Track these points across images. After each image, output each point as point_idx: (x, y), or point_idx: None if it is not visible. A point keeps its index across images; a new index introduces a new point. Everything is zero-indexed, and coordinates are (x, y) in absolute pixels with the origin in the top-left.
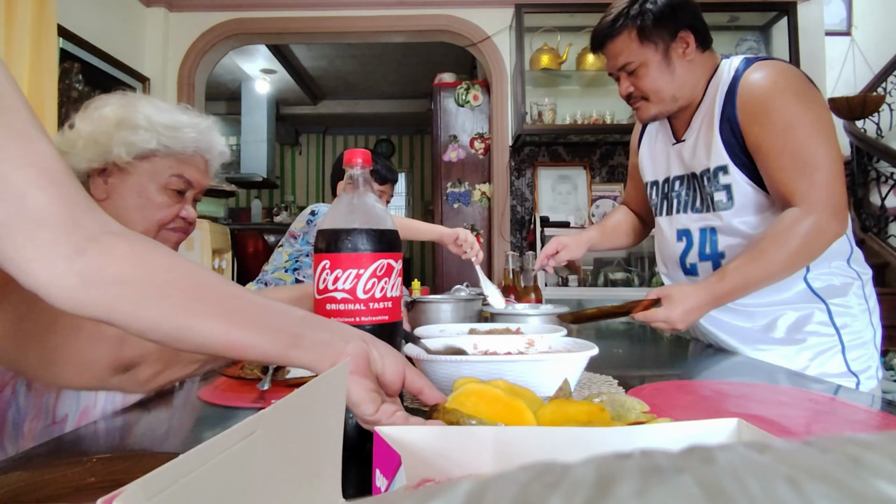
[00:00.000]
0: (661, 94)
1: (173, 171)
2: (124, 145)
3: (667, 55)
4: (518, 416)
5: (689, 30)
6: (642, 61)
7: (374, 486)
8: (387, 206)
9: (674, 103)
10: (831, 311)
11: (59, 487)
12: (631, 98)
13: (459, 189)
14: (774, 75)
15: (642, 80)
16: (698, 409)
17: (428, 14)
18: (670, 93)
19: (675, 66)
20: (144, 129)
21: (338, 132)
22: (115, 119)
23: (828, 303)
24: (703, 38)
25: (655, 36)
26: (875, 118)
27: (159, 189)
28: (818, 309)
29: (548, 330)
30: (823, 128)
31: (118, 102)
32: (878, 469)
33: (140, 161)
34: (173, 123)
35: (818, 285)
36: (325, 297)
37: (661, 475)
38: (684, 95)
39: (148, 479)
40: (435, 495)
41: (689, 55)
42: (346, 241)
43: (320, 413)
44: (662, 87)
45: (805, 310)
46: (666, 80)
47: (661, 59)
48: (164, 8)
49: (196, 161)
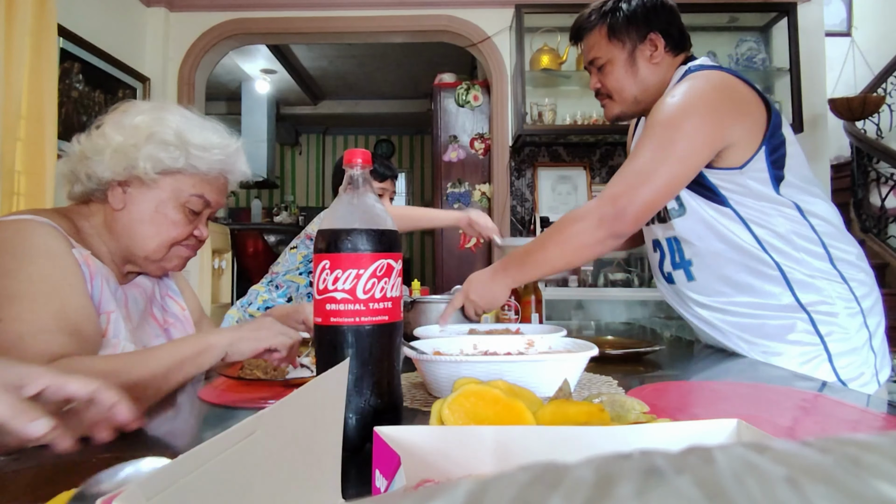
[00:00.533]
0: (623, 94)
1: (195, 191)
2: (151, 160)
3: (632, 55)
4: (518, 417)
5: (661, 33)
6: (609, 58)
7: (373, 486)
8: (391, 202)
9: (635, 105)
10: (814, 319)
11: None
12: (598, 94)
13: (459, 189)
14: (685, 89)
15: (607, 77)
16: (698, 410)
17: (428, 14)
18: (632, 94)
19: (640, 67)
20: (174, 146)
21: (338, 132)
22: (147, 132)
23: (809, 311)
24: (675, 43)
25: (624, 35)
26: (875, 119)
27: (178, 206)
28: (800, 319)
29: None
30: (681, 148)
31: (150, 113)
32: (878, 470)
33: (164, 177)
34: (204, 144)
35: (801, 294)
36: (324, 297)
37: (661, 476)
38: (646, 98)
39: (148, 479)
40: (434, 496)
41: (655, 58)
42: (346, 242)
43: (320, 413)
44: (625, 87)
45: (787, 319)
46: (629, 80)
47: (627, 59)
48: (164, 8)
49: (218, 182)
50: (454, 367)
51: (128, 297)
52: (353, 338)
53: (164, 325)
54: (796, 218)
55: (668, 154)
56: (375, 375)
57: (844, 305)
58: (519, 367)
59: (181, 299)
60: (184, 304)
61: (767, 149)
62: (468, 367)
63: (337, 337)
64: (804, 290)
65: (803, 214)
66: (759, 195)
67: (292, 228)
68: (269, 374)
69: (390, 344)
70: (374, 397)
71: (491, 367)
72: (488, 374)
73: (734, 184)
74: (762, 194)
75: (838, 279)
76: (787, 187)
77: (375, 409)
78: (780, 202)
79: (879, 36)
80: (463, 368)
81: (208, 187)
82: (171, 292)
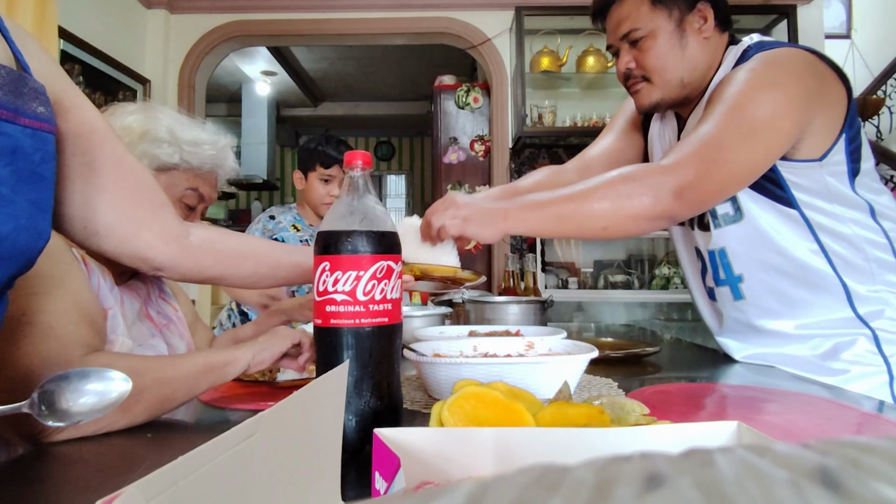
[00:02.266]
0: (666, 74)
1: (189, 185)
2: (146, 157)
3: (680, 26)
4: (517, 419)
5: (710, 3)
6: (651, 29)
7: (373, 488)
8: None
9: (681, 89)
10: (878, 337)
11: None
12: (629, 79)
13: (460, 191)
14: (762, 62)
15: (647, 53)
16: (698, 412)
17: (428, 16)
18: (678, 75)
19: (689, 41)
20: (168, 142)
21: (338, 134)
22: (140, 130)
23: (873, 328)
24: (724, 17)
25: (671, 1)
26: (875, 121)
27: (174, 202)
28: (862, 335)
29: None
30: (765, 129)
31: (140, 113)
32: (878, 472)
33: (159, 174)
34: (195, 140)
35: (864, 309)
36: (324, 298)
37: (661, 478)
38: (694, 81)
39: (147, 480)
40: (434, 498)
41: (705, 32)
42: (346, 243)
43: (319, 415)
44: (670, 65)
45: (845, 336)
46: (675, 56)
47: (674, 31)
48: (164, 10)
49: (210, 177)
50: (454, 368)
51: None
52: (353, 339)
53: (159, 325)
54: (868, 222)
55: (748, 134)
56: (375, 377)
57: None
58: (519, 369)
59: (174, 301)
60: (177, 306)
61: (847, 137)
62: (468, 368)
63: (337, 338)
64: (868, 305)
65: (875, 217)
66: (832, 194)
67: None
68: (265, 376)
69: (390, 345)
70: (374, 399)
71: (491, 369)
72: (488, 375)
73: (809, 180)
74: (836, 193)
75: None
76: (862, 184)
77: (375, 411)
78: (854, 203)
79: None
80: (463, 370)
81: (201, 181)
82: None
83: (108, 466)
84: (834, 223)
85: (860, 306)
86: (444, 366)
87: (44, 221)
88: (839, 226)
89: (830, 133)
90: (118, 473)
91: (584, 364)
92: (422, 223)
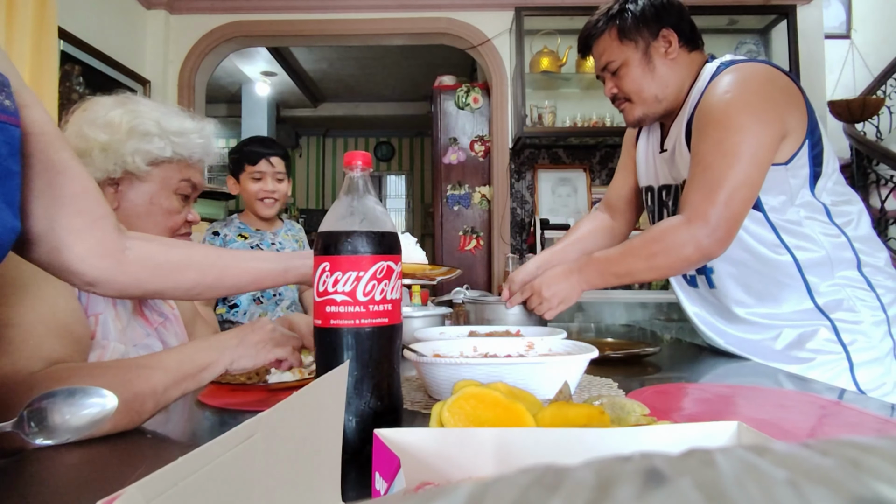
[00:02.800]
0: (642, 94)
1: (183, 176)
2: (139, 153)
3: (646, 53)
4: (518, 420)
5: (673, 29)
6: (623, 60)
7: (373, 489)
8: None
9: (658, 105)
10: (837, 327)
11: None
12: (616, 100)
13: (459, 191)
14: (734, 83)
15: (624, 79)
16: (698, 412)
17: (428, 17)
18: (652, 93)
19: (657, 64)
20: (157, 135)
21: (338, 135)
22: (126, 127)
23: (832, 318)
24: (687, 39)
25: (635, 34)
26: (874, 121)
27: (170, 195)
28: (823, 326)
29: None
30: (749, 148)
31: (121, 107)
32: (878, 472)
33: (154, 168)
34: (181, 129)
35: (823, 301)
36: (324, 299)
37: (661, 478)
38: (668, 96)
39: (147, 481)
40: (435, 498)
41: (671, 54)
42: (346, 244)
43: (319, 416)
44: (644, 86)
45: (808, 327)
46: (647, 79)
47: (642, 58)
48: (164, 10)
49: (200, 165)
50: (454, 369)
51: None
52: (353, 340)
53: (154, 324)
54: (826, 222)
55: (736, 163)
56: (375, 378)
57: (870, 314)
58: (519, 370)
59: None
60: (172, 304)
61: (810, 142)
62: (468, 369)
63: (337, 339)
64: (828, 297)
65: (831, 217)
66: (793, 196)
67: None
68: (252, 379)
69: (390, 346)
70: (374, 399)
71: (491, 370)
72: (488, 376)
73: (774, 183)
74: (797, 195)
75: (864, 286)
76: (822, 187)
77: (375, 412)
78: (812, 205)
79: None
80: (463, 371)
81: (192, 171)
82: None
83: (108, 467)
84: (795, 224)
85: (819, 298)
86: (444, 366)
87: (12, 216)
88: (800, 226)
89: (795, 139)
90: (118, 474)
91: (585, 364)
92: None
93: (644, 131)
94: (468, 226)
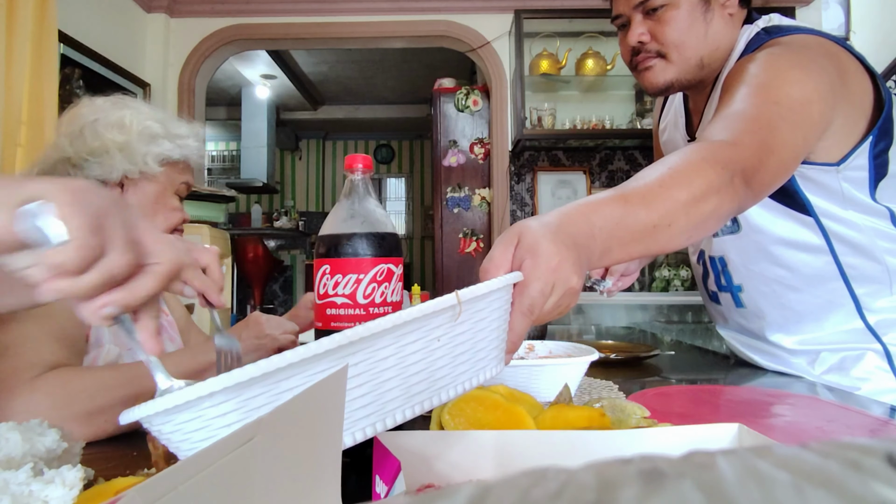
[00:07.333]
0: (686, 51)
1: (183, 178)
2: (151, 155)
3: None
4: (518, 422)
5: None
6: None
7: (374, 492)
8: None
9: (698, 70)
10: (889, 352)
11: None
12: (638, 54)
13: (459, 194)
14: (783, 48)
15: (667, 25)
16: (699, 415)
17: (427, 20)
18: (698, 53)
19: (715, 16)
20: (164, 137)
21: (338, 137)
22: (137, 128)
23: (885, 342)
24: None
25: None
26: None
27: (171, 195)
28: (871, 350)
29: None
30: (796, 110)
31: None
32: (878, 473)
33: (163, 168)
34: (180, 133)
35: (875, 319)
36: (325, 301)
37: (662, 480)
38: (713, 63)
39: (147, 484)
40: (435, 501)
41: (730, 7)
42: (347, 246)
43: (320, 418)
44: (691, 41)
45: (853, 350)
46: (698, 32)
47: (699, 1)
48: (164, 14)
49: (194, 167)
50: None
51: None
52: None
53: None
54: (888, 230)
55: (788, 116)
56: None
57: None
58: (519, 372)
59: (165, 305)
60: (167, 311)
61: (874, 140)
62: None
63: None
64: (881, 315)
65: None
66: (848, 201)
67: (292, 233)
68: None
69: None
70: None
71: None
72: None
73: (823, 185)
74: (853, 200)
75: None
76: (885, 188)
77: None
78: (873, 209)
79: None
80: None
81: (189, 172)
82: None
83: (108, 467)
84: (850, 231)
85: (871, 317)
86: None
87: None
88: (856, 234)
89: (850, 135)
90: (118, 474)
91: (585, 367)
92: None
93: (666, 115)
94: (468, 228)
